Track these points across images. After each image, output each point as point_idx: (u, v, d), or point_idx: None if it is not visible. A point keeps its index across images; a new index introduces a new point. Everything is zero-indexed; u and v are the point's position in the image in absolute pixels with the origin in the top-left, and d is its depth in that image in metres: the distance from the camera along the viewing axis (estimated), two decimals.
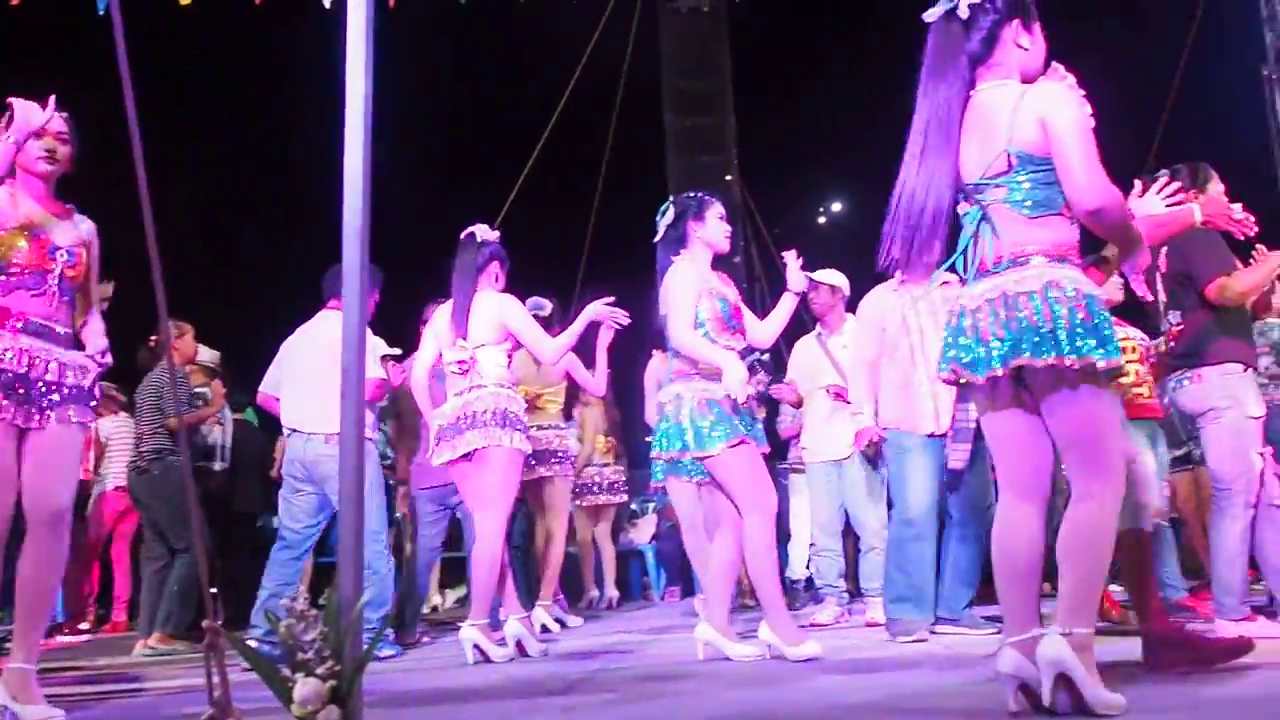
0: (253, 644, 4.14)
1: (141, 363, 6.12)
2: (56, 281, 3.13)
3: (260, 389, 5.21)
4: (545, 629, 5.64)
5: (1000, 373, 2.37)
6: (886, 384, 4.69)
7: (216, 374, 6.61)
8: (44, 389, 3.04)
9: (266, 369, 5.19)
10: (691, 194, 4.17)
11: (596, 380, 5.86)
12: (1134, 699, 2.32)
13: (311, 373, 4.77)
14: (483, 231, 4.72)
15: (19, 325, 3.04)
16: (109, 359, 3.32)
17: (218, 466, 6.61)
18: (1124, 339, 4.46)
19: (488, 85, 13.06)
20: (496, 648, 4.30)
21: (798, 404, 5.87)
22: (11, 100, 3.05)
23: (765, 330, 4.29)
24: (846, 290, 5.60)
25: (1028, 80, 2.53)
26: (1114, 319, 2.44)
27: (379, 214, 2.18)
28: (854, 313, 5.17)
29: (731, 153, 13.37)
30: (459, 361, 4.51)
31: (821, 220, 15.29)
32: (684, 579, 7.91)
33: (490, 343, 4.53)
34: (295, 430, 4.93)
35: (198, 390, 6.39)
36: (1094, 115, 2.44)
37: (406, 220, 8.79)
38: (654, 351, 5.88)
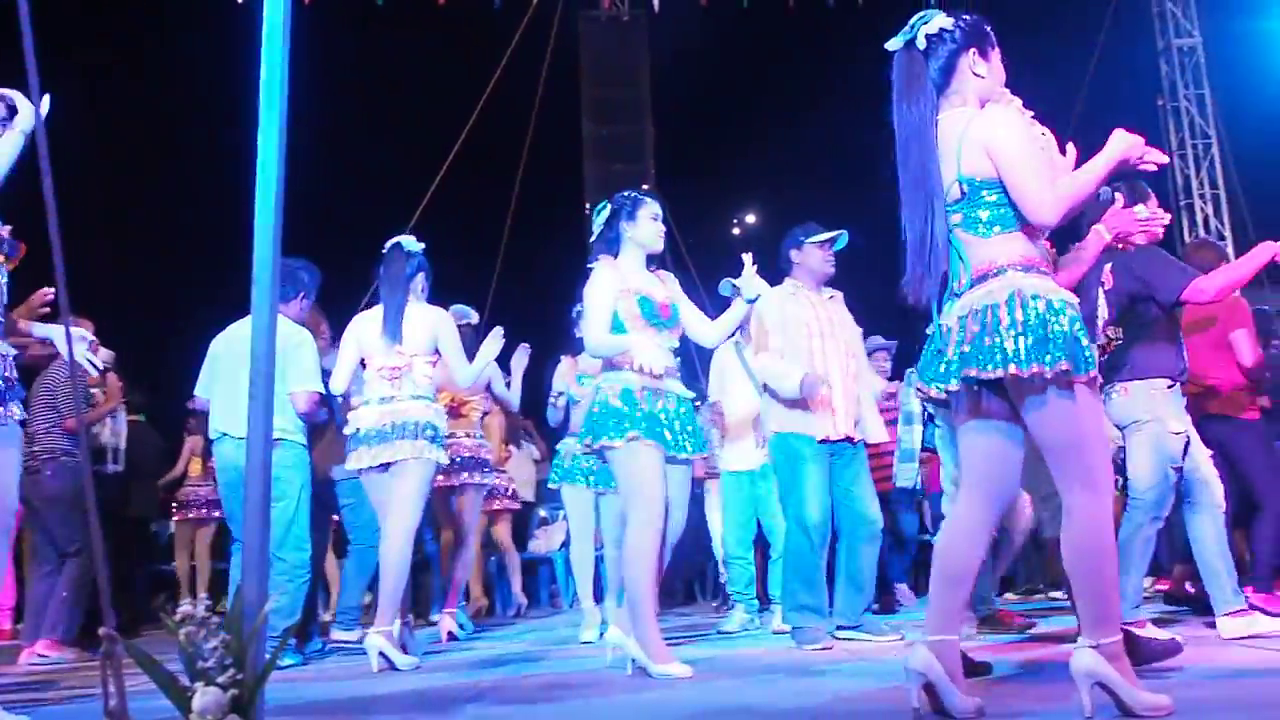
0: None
1: (34, 360, 5.88)
2: (3, 275, 3.01)
3: (195, 393, 4.99)
4: (453, 636, 5.60)
5: (965, 381, 2.40)
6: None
7: (109, 370, 6.39)
8: None
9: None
10: (627, 193, 4.10)
11: (512, 397, 5.89)
12: (1056, 695, 2.37)
13: (245, 374, 4.59)
14: (409, 243, 4.71)
15: None
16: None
17: (110, 469, 6.37)
18: None
19: (405, 89, 12.91)
20: (402, 655, 4.25)
21: (722, 424, 5.83)
22: (11, 92, 2.92)
23: (714, 330, 4.11)
24: None
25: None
26: None
27: (291, 215, 2.14)
28: None
29: (648, 162, 13.46)
30: (392, 367, 4.48)
31: (736, 231, 15.46)
32: (594, 586, 7.90)
33: (423, 353, 4.54)
34: (226, 434, 4.71)
35: (91, 389, 6.17)
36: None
37: (320, 224, 8.63)
38: (562, 357, 5.88)
